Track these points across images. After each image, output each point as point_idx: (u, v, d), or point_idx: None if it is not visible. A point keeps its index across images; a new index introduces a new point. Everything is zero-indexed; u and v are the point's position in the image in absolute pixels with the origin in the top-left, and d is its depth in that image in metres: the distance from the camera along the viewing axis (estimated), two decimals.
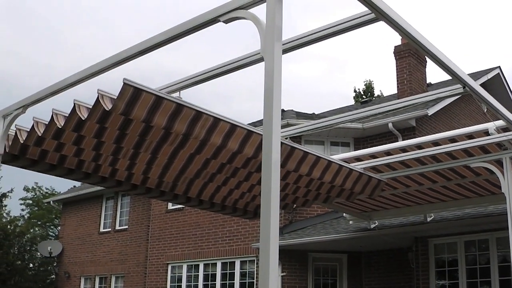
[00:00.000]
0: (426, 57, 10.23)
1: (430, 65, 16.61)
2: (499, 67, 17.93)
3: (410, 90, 15.42)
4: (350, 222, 11.57)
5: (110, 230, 20.82)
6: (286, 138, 6.24)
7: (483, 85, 15.57)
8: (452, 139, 6.79)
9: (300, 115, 15.90)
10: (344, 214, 11.12)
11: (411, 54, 15.84)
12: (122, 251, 19.98)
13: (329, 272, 14.04)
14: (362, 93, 34.70)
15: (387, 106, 5.88)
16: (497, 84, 17.76)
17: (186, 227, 17.06)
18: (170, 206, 17.78)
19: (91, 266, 21.04)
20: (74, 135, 4.86)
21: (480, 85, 6.05)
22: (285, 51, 4.17)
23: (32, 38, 60.26)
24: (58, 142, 5.00)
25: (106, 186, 6.13)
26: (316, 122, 6.48)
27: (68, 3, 61.25)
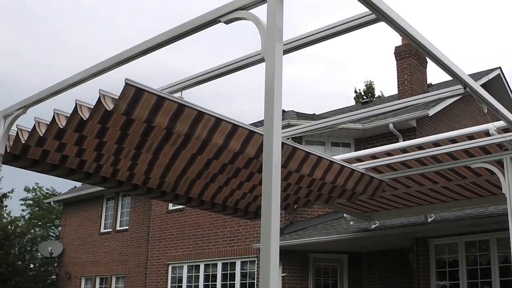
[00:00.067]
0: (426, 57, 10.22)
1: (431, 65, 16.61)
2: (500, 68, 17.92)
3: (411, 90, 15.42)
4: (351, 223, 11.57)
5: (111, 230, 20.81)
6: (288, 139, 6.23)
7: (484, 85, 15.57)
8: (452, 140, 6.79)
9: (300, 116, 15.90)
10: (344, 214, 11.12)
11: (412, 55, 15.83)
12: (123, 252, 19.97)
13: (329, 272, 14.04)
14: (363, 93, 34.71)
15: (388, 106, 5.88)
16: (497, 84, 17.75)
17: (187, 228, 17.05)
18: (171, 206, 17.77)
19: (92, 267, 21.04)
20: (75, 135, 4.85)
21: (480, 85, 6.06)
22: (285, 52, 4.18)
23: (32, 38, 60.33)
24: (59, 142, 4.99)
25: (107, 186, 6.12)
26: (317, 123, 6.48)
27: (68, 3, 61.31)
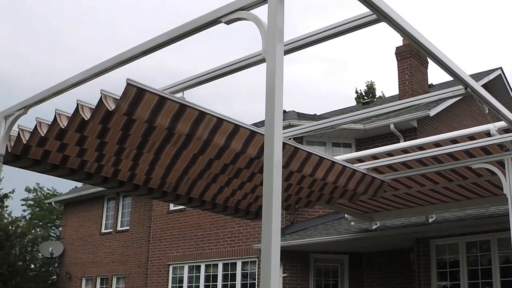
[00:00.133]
0: (427, 58, 10.22)
1: (432, 66, 16.60)
2: (501, 68, 17.91)
3: (412, 91, 15.41)
4: (352, 223, 11.57)
5: (112, 231, 20.82)
6: (290, 139, 6.23)
7: (485, 86, 15.57)
8: (453, 140, 6.79)
9: (301, 116, 15.90)
10: (345, 215, 11.12)
11: (413, 55, 15.83)
12: (124, 252, 19.97)
13: (330, 273, 14.03)
14: (364, 94, 34.71)
15: (389, 107, 5.88)
16: (498, 85, 17.73)
17: (188, 228, 17.05)
18: (172, 207, 17.77)
19: (93, 267, 21.04)
20: (77, 136, 4.85)
21: (481, 86, 6.06)
22: (286, 52, 4.18)
23: (32, 38, 60.33)
24: (61, 142, 4.98)
25: (107, 187, 6.11)
26: (317, 123, 6.48)
27: (68, 3, 61.31)
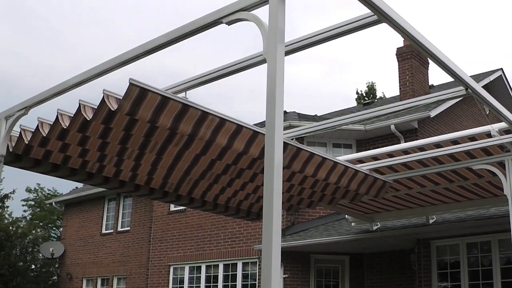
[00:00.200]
0: (428, 59, 10.21)
1: (433, 67, 16.59)
2: (502, 69, 17.92)
3: (412, 92, 15.41)
4: (352, 224, 11.56)
5: (112, 231, 20.82)
6: (292, 139, 6.22)
7: (485, 87, 15.57)
8: (454, 141, 6.78)
9: (302, 117, 15.88)
10: (346, 216, 11.11)
11: (414, 56, 15.83)
12: (124, 253, 19.97)
13: (331, 273, 14.03)
14: (364, 94, 34.71)
15: (389, 108, 5.88)
16: (499, 86, 17.74)
17: (188, 229, 17.05)
18: (172, 207, 17.76)
19: (93, 268, 21.04)
20: (78, 136, 4.84)
21: (482, 87, 6.06)
22: (287, 53, 4.18)
23: (32, 38, 60.31)
24: (62, 142, 4.98)
25: (108, 187, 6.11)
26: (318, 124, 6.47)
27: (68, 3, 61.31)
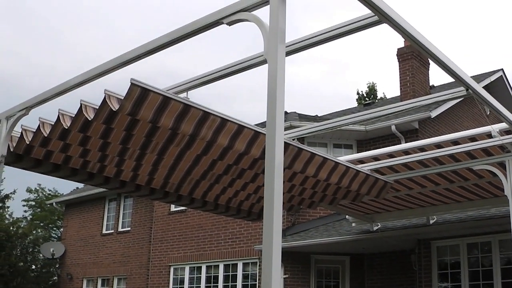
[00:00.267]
0: (429, 59, 10.21)
1: (433, 67, 16.59)
2: (502, 70, 17.92)
3: (413, 92, 15.41)
4: (353, 224, 11.56)
5: (113, 231, 20.82)
6: (294, 139, 6.22)
7: (486, 87, 15.56)
8: (455, 142, 6.78)
9: (303, 117, 15.89)
10: (346, 216, 11.11)
11: (414, 57, 15.83)
12: (125, 253, 19.98)
13: (331, 274, 14.03)
14: (365, 95, 34.70)
15: (390, 108, 5.88)
16: (500, 86, 17.74)
17: (189, 229, 17.05)
18: (173, 208, 17.76)
19: (94, 268, 21.05)
20: (80, 136, 4.84)
21: (483, 87, 6.06)
22: (288, 53, 4.18)
23: (32, 38, 60.34)
24: (64, 142, 4.98)
25: (109, 187, 6.11)
26: (319, 124, 6.47)
27: (68, 3, 61.35)
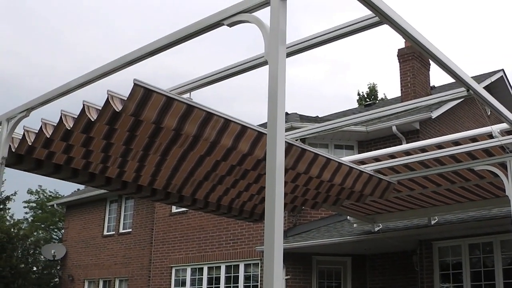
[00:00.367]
0: (429, 60, 10.21)
1: (434, 68, 16.59)
2: (503, 70, 17.91)
3: (414, 93, 15.41)
4: (354, 225, 11.56)
5: (114, 233, 20.83)
6: (297, 140, 6.22)
7: (487, 88, 15.56)
8: (456, 142, 6.78)
9: (303, 118, 15.89)
10: (348, 217, 11.10)
11: (415, 57, 15.83)
12: (126, 254, 19.98)
13: (333, 275, 14.02)
14: (366, 96, 34.68)
15: (391, 109, 5.88)
16: (500, 87, 17.73)
17: (190, 230, 17.05)
18: (174, 209, 17.76)
19: (95, 269, 21.05)
20: (82, 137, 4.83)
21: (483, 88, 6.05)
22: (289, 55, 4.18)
23: (32, 38, 60.39)
24: (66, 144, 4.97)
25: (110, 189, 6.10)
26: (320, 125, 6.47)
27: (68, 3, 61.42)
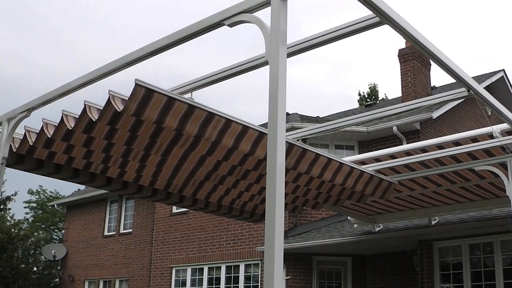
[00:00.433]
0: (430, 60, 10.21)
1: (435, 68, 16.59)
2: (503, 70, 17.91)
3: (415, 93, 15.41)
4: (355, 225, 11.56)
5: (114, 233, 20.83)
6: (298, 140, 6.22)
7: (487, 88, 15.56)
8: (456, 142, 6.78)
9: (304, 119, 15.89)
10: (348, 217, 11.11)
11: (416, 57, 15.83)
12: (126, 255, 19.98)
13: (333, 275, 14.02)
14: (367, 96, 34.67)
15: (392, 109, 5.89)
16: (501, 87, 17.73)
17: (191, 231, 17.05)
18: (175, 209, 17.76)
19: (95, 270, 21.05)
20: (84, 137, 4.83)
21: (484, 88, 6.05)
22: (290, 55, 4.18)
23: (32, 38, 60.39)
24: (67, 144, 4.97)
25: (111, 189, 6.09)
26: (320, 126, 6.47)
27: (68, 3, 61.43)
